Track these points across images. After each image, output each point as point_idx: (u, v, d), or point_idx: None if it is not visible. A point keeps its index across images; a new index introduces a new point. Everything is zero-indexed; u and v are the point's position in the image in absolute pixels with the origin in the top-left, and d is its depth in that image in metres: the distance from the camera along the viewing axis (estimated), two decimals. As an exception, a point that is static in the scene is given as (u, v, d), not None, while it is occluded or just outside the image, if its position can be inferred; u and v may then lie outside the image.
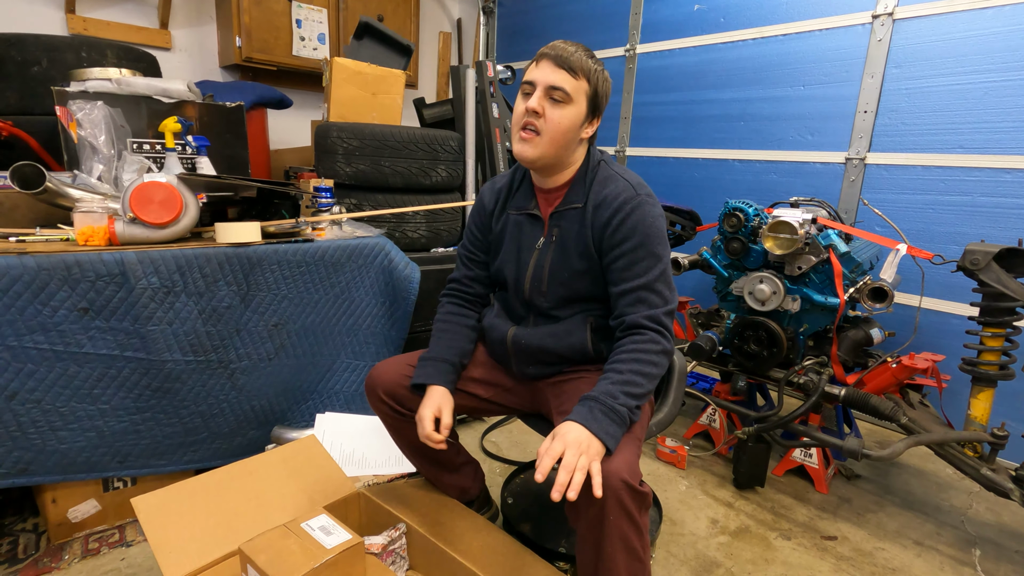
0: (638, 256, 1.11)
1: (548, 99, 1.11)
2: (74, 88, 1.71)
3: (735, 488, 1.93)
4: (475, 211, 1.35)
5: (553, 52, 1.10)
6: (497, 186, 1.33)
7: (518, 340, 1.26)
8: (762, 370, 1.95)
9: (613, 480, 0.93)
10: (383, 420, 1.32)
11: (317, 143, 2.24)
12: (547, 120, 1.11)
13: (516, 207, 1.27)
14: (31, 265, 1.30)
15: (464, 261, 1.38)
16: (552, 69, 1.10)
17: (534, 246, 1.24)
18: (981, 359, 1.63)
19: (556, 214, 1.21)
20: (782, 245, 1.81)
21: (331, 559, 1.05)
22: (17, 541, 1.50)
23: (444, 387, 1.21)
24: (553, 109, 1.11)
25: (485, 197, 1.34)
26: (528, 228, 1.25)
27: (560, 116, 1.11)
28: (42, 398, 1.37)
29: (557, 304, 1.23)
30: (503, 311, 1.34)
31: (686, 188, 3.07)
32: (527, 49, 3.92)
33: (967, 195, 2.19)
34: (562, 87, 1.09)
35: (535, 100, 1.11)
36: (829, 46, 2.48)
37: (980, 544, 1.70)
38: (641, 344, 1.08)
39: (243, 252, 1.56)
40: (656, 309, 1.10)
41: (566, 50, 1.10)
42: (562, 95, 1.10)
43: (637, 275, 1.11)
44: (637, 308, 1.11)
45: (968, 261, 1.61)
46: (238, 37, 3.06)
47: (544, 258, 1.22)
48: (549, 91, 1.10)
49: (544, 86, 1.10)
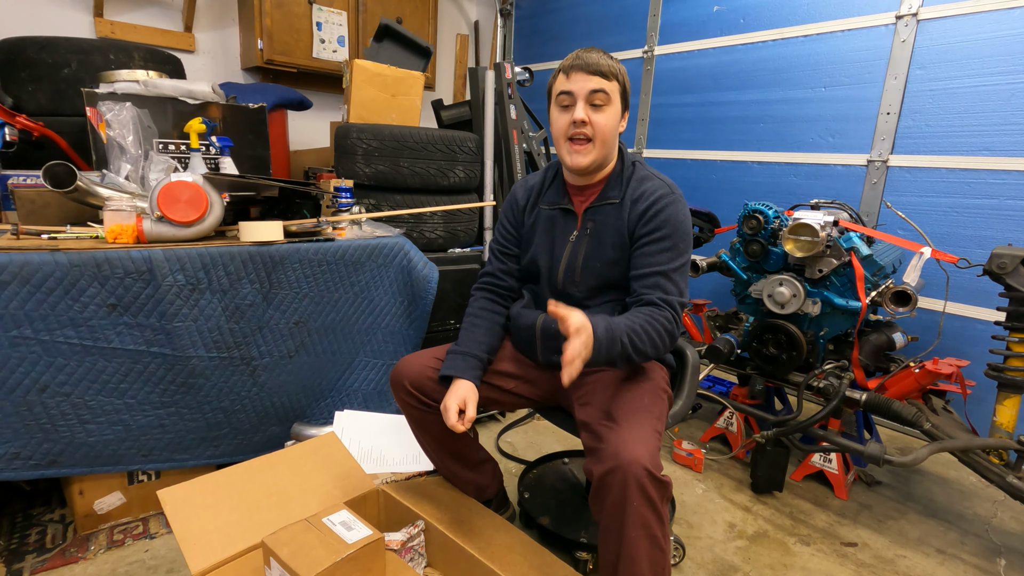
0: (664, 246, 1.18)
1: (590, 106, 1.17)
2: (103, 90, 1.75)
3: (753, 492, 1.91)
4: (508, 207, 1.41)
5: (582, 62, 1.16)
6: (530, 184, 1.39)
7: (547, 327, 1.28)
8: (781, 374, 1.93)
9: (636, 468, 0.94)
10: (407, 413, 1.34)
11: (337, 144, 2.27)
12: (595, 125, 1.17)
13: (548, 202, 1.33)
14: (63, 262, 1.33)
15: (497, 255, 1.42)
16: (586, 77, 1.16)
17: (567, 238, 1.29)
18: (1008, 365, 1.60)
19: (591, 209, 1.26)
20: (803, 247, 1.79)
21: (352, 554, 1.06)
22: (45, 531, 1.54)
23: (471, 381, 1.24)
24: (597, 114, 1.17)
25: (518, 193, 1.40)
26: (561, 221, 1.30)
27: (606, 119, 1.18)
28: (71, 391, 1.40)
29: (589, 293, 1.28)
30: (532, 302, 1.38)
31: (704, 190, 3.05)
32: (545, 51, 3.93)
33: (993, 198, 2.15)
34: (601, 89, 1.16)
35: (580, 110, 1.17)
36: (852, 47, 2.46)
37: (1005, 554, 1.67)
38: (657, 315, 1.13)
39: (266, 251, 1.59)
40: (671, 296, 1.16)
41: (591, 56, 1.16)
42: (603, 97, 1.16)
43: (659, 263, 1.18)
44: (654, 291, 1.17)
45: (995, 265, 1.58)
46: (260, 40, 3.11)
47: (578, 249, 1.27)
48: (590, 97, 1.16)
49: (585, 94, 1.16)
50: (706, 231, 2.42)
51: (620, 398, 1.14)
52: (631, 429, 1.03)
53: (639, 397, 1.14)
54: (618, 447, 0.98)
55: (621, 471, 0.95)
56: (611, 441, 1.01)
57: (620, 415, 1.07)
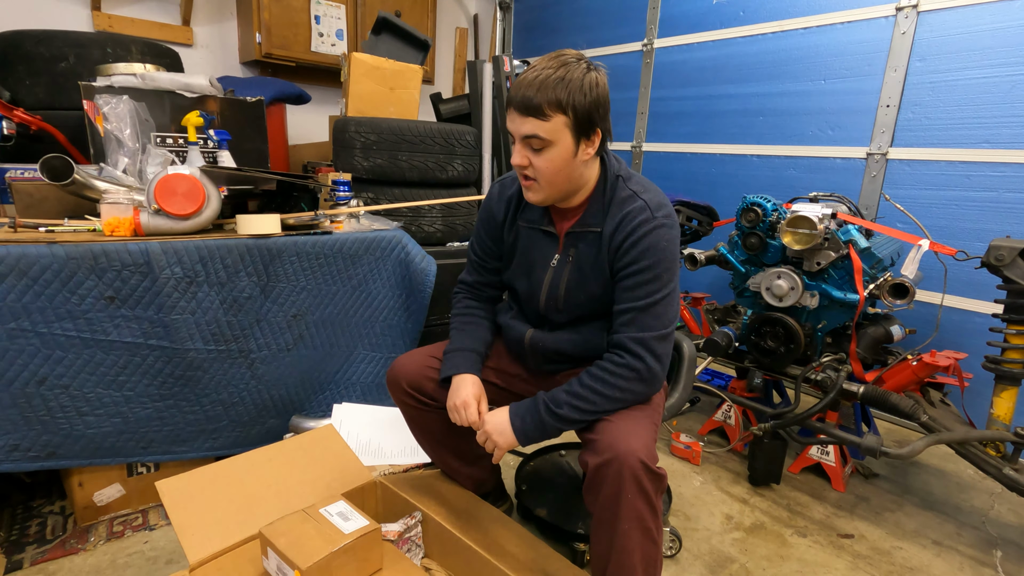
0: (643, 279, 1.08)
1: (528, 148, 1.06)
2: (100, 83, 1.75)
3: (750, 485, 1.92)
4: (484, 219, 1.30)
5: (517, 96, 1.03)
6: (506, 195, 1.26)
7: (536, 343, 1.26)
8: (779, 367, 1.93)
9: (631, 460, 0.95)
10: (404, 412, 1.34)
11: (335, 137, 2.27)
12: (535, 168, 1.07)
13: (528, 220, 1.23)
14: (60, 254, 1.33)
15: (476, 267, 1.35)
16: (520, 119, 1.04)
17: (548, 263, 1.20)
18: (1005, 357, 1.60)
19: (573, 234, 1.17)
20: (801, 240, 1.79)
21: (349, 544, 1.07)
22: (45, 523, 1.55)
23: (476, 375, 1.22)
24: (537, 157, 1.06)
25: (494, 206, 1.27)
26: (541, 243, 1.21)
27: (546, 161, 1.06)
28: (70, 384, 1.41)
29: (572, 321, 1.22)
30: (520, 314, 1.32)
31: (703, 184, 3.05)
32: (544, 44, 3.92)
33: (992, 191, 2.14)
34: (534, 134, 1.03)
35: (517, 155, 1.08)
36: (851, 39, 2.45)
37: (1002, 545, 1.67)
38: (613, 367, 1.07)
39: (263, 243, 1.59)
40: (647, 332, 1.07)
41: (529, 89, 1.01)
42: (538, 142, 1.04)
43: (638, 297, 1.09)
44: (628, 329, 1.09)
45: (993, 257, 1.58)
46: (258, 33, 3.10)
47: (560, 278, 1.19)
48: (526, 140, 1.05)
49: (519, 136, 1.06)
50: (705, 224, 2.42)
51: None
52: (627, 421, 1.03)
53: None
54: (614, 439, 0.98)
55: (616, 463, 0.95)
56: (607, 433, 1.01)
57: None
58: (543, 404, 1.08)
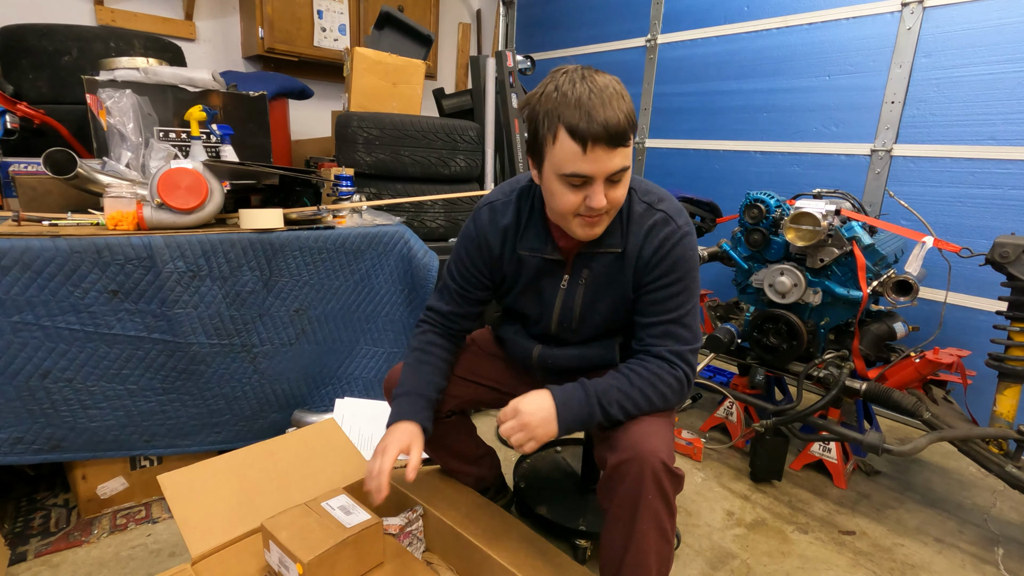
0: (674, 291, 1.04)
1: (609, 183, 0.94)
2: (103, 77, 1.75)
3: (752, 481, 1.92)
4: (475, 249, 1.17)
5: (602, 129, 0.87)
6: (501, 224, 1.13)
7: (544, 360, 1.22)
8: (781, 363, 1.93)
9: (653, 460, 0.94)
10: None
11: (338, 132, 2.26)
12: (612, 202, 0.96)
13: (529, 248, 1.12)
14: (63, 248, 1.34)
15: (453, 296, 1.22)
16: (609, 154, 0.90)
17: (558, 285, 1.14)
18: (1009, 354, 1.59)
19: (585, 255, 1.10)
20: (804, 237, 1.78)
21: (350, 537, 1.07)
22: (49, 515, 1.56)
23: (419, 424, 1.12)
24: (616, 189, 0.96)
25: (490, 237, 1.14)
26: (547, 269, 1.14)
27: (623, 191, 0.98)
28: (73, 377, 1.41)
29: (586, 338, 1.19)
30: (523, 331, 1.27)
31: (706, 180, 3.04)
32: (547, 40, 3.90)
33: (997, 188, 2.13)
34: (626, 166, 0.94)
35: (596, 198, 0.93)
36: (856, 35, 2.43)
37: (1004, 543, 1.67)
38: (663, 374, 1.03)
39: (266, 238, 1.59)
40: (685, 346, 1.04)
41: (612, 115, 0.87)
42: (622, 173, 0.94)
43: (669, 310, 1.05)
44: (664, 342, 1.05)
45: (997, 254, 1.57)
46: (260, 28, 3.09)
47: (572, 299, 1.13)
48: (612, 176, 0.94)
49: (606, 175, 0.92)
50: (708, 221, 2.41)
51: None
52: (647, 420, 1.01)
53: None
54: (637, 437, 0.96)
55: (638, 462, 0.94)
56: (628, 431, 0.99)
57: None
58: (595, 397, 1.00)
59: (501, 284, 1.21)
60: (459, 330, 1.27)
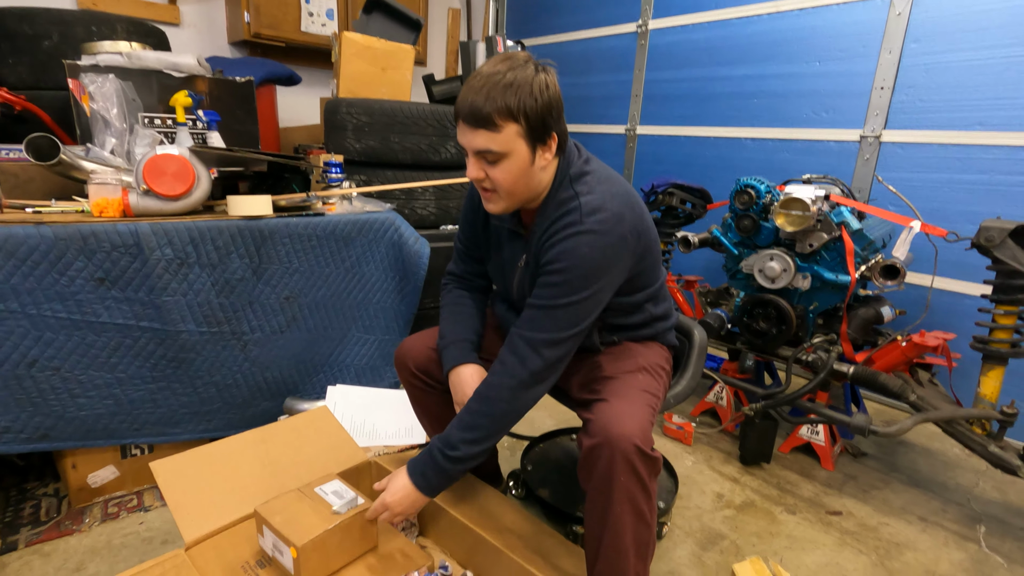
0: (551, 280, 1.03)
1: (483, 161, 1.01)
2: (85, 62, 1.71)
3: (741, 464, 1.94)
4: (469, 210, 1.28)
5: (466, 108, 0.97)
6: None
7: None
8: (771, 348, 1.95)
9: (623, 443, 0.94)
10: (410, 393, 1.36)
11: (327, 119, 2.24)
12: (492, 180, 1.03)
13: (499, 219, 1.20)
14: (48, 235, 1.32)
15: (463, 257, 1.35)
16: (470, 132, 0.99)
17: (516, 263, 1.19)
18: (992, 337, 1.62)
19: (532, 235, 1.13)
20: (794, 222, 1.79)
21: (344, 522, 1.08)
22: (40, 505, 1.55)
23: (476, 363, 1.21)
24: (493, 169, 1.01)
25: (476, 203, 1.24)
26: (511, 244, 1.20)
27: (503, 173, 1.01)
28: (61, 366, 1.40)
29: None
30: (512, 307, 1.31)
31: (698, 167, 3.04)
32: (538, 25, 3.87)
33: (985, 173, 2.15)
34: (487, 148, 0.99)
35: (472, 168, 1.03)
36: (846, 20, 2.43)
37: (985, 521, 1.71)
38: (494, 382, 1.06)
39: (255, 225, 1.58)
40: (540, 334, 1.03)
41: (477, 98, 0.95)
42: (493, 156, 1.00)
43: (540, 296, 1.05)
44: (523, 326, 1.06)
45: (983, 238, 1.59)
46: (246, 12, 3.04)
47: (524, 279, 1.18)
48: (480, 154, 1.01)
49: (472, 151, 1.01)
50: (698, 207, 2.42)
51: (616, 375, 1.13)
52: (622, 404, 1.02)
53: (634, 374, 1.14)
54: (608, 421, 0.98)
55: (609, 446, 0.95)
56: (602, 414, 1.00)
57: (614, 390, 1.07)
58: (438, 451, 1.08)
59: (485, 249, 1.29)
60: (479, 286, 1.37)
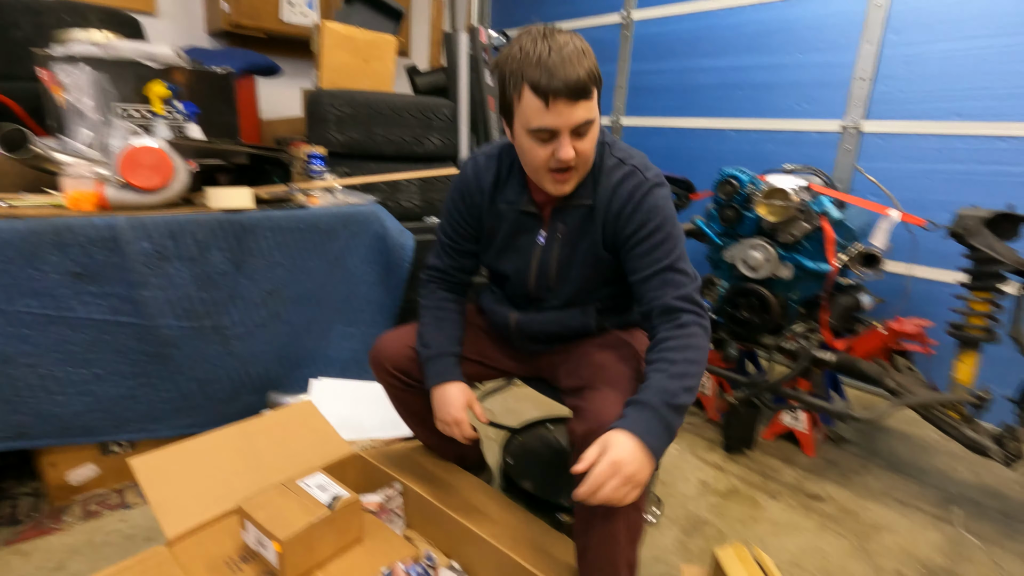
0: (657, 240, 1.04)
1: (575, 135, 0.98)
2: (57, 51, 1.67)
3: (725, 452, 1.97)
4: (461, 199, 1.22)
5: (562, 84, 0.92)
6: (483, 177, 1.18)
7: (522, 326, 1.26)
8: (754, 337, 1.97)
9: None
10: (389, 392, 1.32)
11: (308, 111, 2.21)
12: (580, 155, 1.00)
13: (507, 201, 1.17)
14: (21, 229, 1.29)
15: (448, 251, 1.28)
16: (570, 107, 0.94)
17: (534, 242, 1.17)
18: (967, 323, 1.65)
19: (560, 210, 1.12)
20: (776, 212, 1.81)
21: (329, 515, 1.07)
22: (17, 504, 1.52)
23: (462, 381, 1.20)
24: (583, 142, 0.99)
25: (473, 187, 1.19)
26: (525, 224, 1.17)
27: (588, 143, 1.01)
28: (37, 363, 1.37)
29: (565, 299, 1.21)
30: (503, 298, 1.30)
31: (682, 158, 3.05)
32: (522, 15, 3.84)
33: (962, 163, 2.18)
34: (588, 119, 0.97)
35: (567, 148, 0.97)
36: (828, 11, 2.45)
37: (961, 503, 1.75)
38: (686, 330, 1.00)
39: (236, 218, 1.55)
40: (684, 289, 1.03)
41: (571, 71, 0.92)
42: (586, 127, 0.98)
43: (659, 259, 1.04)
44: (665, 290, 1.03)
45: (959, 226, 1.62)
46: (224, 2, 2.98)
47: (549, 256, 1.16)
48: (578, 129, 0.97)
49: (570, 127, 0.96)
50: (682, 197, 2.43)
51: (608, 365, 1.13)
52: (615, 392, 1.03)
53: (627, 363, 1.14)
54: (600, 407, 0.98)
55: (603, 431, 0.94)
56: (594, 401, 1.01)
57: (606, 379, 1.08)
58: (664, 405, 0.92)
59: (484, 238, 1.24)
60: (460, 282, 1.32)
